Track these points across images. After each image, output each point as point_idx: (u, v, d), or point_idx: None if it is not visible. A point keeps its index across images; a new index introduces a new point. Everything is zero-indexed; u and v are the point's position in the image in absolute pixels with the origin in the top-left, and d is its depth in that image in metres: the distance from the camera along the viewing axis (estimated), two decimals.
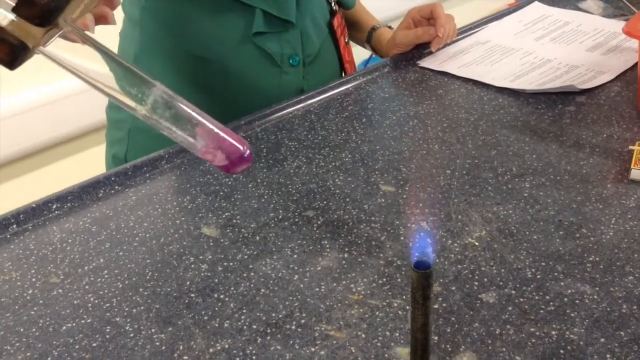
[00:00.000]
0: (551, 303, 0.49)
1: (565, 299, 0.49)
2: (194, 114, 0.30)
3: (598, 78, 0.82)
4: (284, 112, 0.81)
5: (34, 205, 0.64)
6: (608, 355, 0.45)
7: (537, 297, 0.50)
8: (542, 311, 0.49)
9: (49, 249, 0.59)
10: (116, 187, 0.67)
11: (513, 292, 0.51)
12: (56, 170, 1.51)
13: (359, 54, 1.10)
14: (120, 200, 0.66)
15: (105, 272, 0.56)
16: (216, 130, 0.30)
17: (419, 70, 0.91)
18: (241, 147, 0.30)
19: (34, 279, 0.56)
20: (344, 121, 0.79)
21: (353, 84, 0.87)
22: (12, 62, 0.29)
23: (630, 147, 0.67)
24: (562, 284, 0.51)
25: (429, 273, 0.33)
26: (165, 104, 0.29)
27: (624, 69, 0.85)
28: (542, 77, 0.84)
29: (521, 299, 0.50)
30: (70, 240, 0.60)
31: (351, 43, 1.01)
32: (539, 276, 0.52)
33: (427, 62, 0.91)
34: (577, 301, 0.49)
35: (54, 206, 0.64)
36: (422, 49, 0.95)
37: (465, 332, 0.47)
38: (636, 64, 0.84)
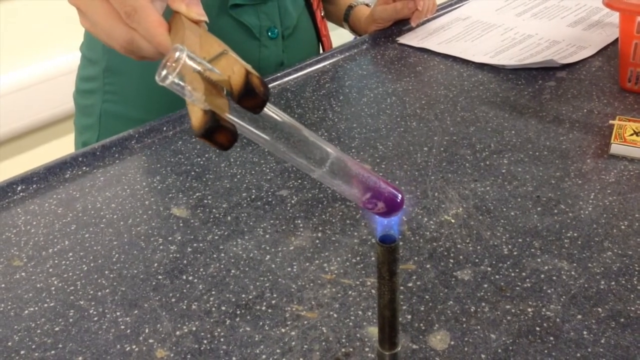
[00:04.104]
0: (527, 280, 0.48)
1: (542, 276, 0.48)
2: (360, 170, 0.33)
3: (579, 53, 0.81)
4: None
5: None
6: (585, 332, 0.43)
7: (513, 274, 0.49)
8: (518, 288, 0.47)
9: (13, 232, 0.57)
10: (84, 167, 0.65)
11: (489, 269, 0.49)
12: (20, 162, 1.48)
13: (342, 35, 1.08)
14: (88, 181, 0.64)
15: (70, 254, 0.54)
16: (378, 183, 0.33)
17: (398, 47, 0.89)
18: (398, 195, 0.33)
19: None
20: (320, 99, 0.77)
21: (330, 61, 0.85)
22: (231, 146, 0.29)
23: (611, 122, 0.65)
24: (539, 260, 0.50)
25: (395, 247, 0.32)
26: (339, 166, 0.32)
27: (606, 43, 0.84)
28: (522, 52, 0.83)
29: (497, 276, 0.49)
30: (34, 223, 0.58)
31: (330, 24, 0.99)
32: (515, 253, 0.51)
33: (406, 39, 0.90)
34: (554, 277, 0.48)
35: (19, 188, 0.62)
36: (402, 25, 0.93)
37: (439, 310, 0.46)
38: (617, 39, 0.83)
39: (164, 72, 0.27)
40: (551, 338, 0.43)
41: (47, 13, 1.41)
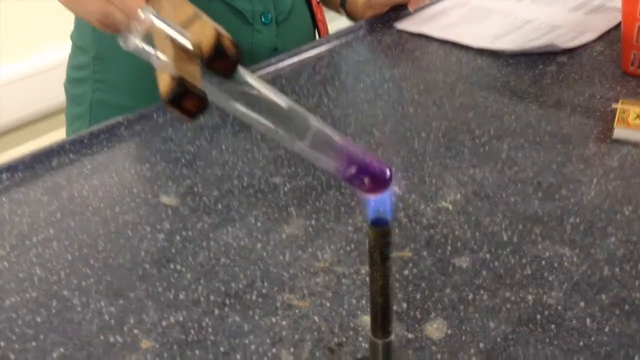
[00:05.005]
0: (528, 267, 0.46)
1: (543, 262, 0.46)
2: (344, 144, 0.31)
3: (580, 37, 0.79)
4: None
5: None
6: (588, 320, 0.42)
7: (513, 261, 0.47)
8: (518, 275, 0.45)
9: None
10: (71, 155, 0.63)
11: (488, 256, 0.47)
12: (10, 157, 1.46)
13: (339, 20, 1.06)
14: (75, 169, 0.62)
15: (55, 243, 0.52)
16: (364, 157, 0.31)
17: (396, 33, 0.87)
18: (385, 171, 0.31)
19: None
20: (316, 85, 0.75)
21: (326, 47, 0.83)
22: (199, 114, 0.27)
23: (614, 106, 0.63)
24: (539, 246, 0.48)
25: (387, 230, 0.30)
26: (322, 139, 0.30)
27: (608, 28, 0.82)
28: (522, 37, 0.81)
29: (496, 263, 0.47)
30: (19, 212, 0.56)
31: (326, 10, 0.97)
32: (515, 239, 0.49)
33: (404, 25, 0.88)
34: (555, 264, 0.46)
35: (4, 176, 0.60)
36: (399, 11, 0.91)
37: (436, 299, 0.44)
38: (620, 23, 0.81)
39: (129, 35, 0.25)
40: (553, 326, 0.41)
41: (39, 4, 1.39)
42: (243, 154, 0.63)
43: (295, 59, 0.80)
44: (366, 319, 0.43)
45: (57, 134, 1.51)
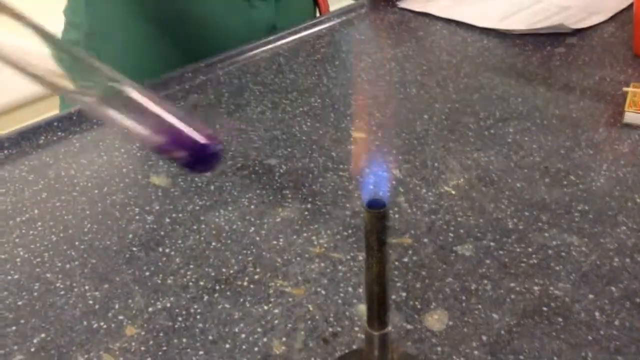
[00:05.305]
0: (534, 256, 0.44)
1: (550, 251, 0.44)
2: (150, 104, 0.27)
3: (591, 18, 0.76)
4: (250, 54, 0.74)
5: None
6: (597, 313, 0.39)
7: (518, 250, 0.44)
8: (523, 264, 0.43)
9: None
10: (59, 132, 0.61)
11: (492, 244, 0.45)
12: None
13: None
14: (63, 147, 0.59)
15: (39, 224, 0.50)
16: (177, 123, 0.27)
17: (399, 12, 0.84)
18: (205, 143, 0.27)
19: None
20: (315, 64, 0.72)
21: (327, 25, 0.81)
22: None
23: (625, 89, 0.61)
24: (546, 235, 0.46)
25: (384, 212, 0.28)
26: (119, 92, 0.27)
27: (619, 8, 0.79)
28: (531, 17, 0.78)
29: (500, 252, 0.44)
30: (3, 190, 0.54)
31: None
32: (521, 227, 0.47)
33: (407, 3, 0.85)
34: (563, 253, 0.44)
35: None
36: None
37: (437, 288, 0.42)
38: (632, 3, 0.78)
39: None
40: (560, 319, 0.39)
41: None
42: (237, 134, 0.60)
43: (294, 37, 0.78)
44: (362, 308, 0.41)
45: None
